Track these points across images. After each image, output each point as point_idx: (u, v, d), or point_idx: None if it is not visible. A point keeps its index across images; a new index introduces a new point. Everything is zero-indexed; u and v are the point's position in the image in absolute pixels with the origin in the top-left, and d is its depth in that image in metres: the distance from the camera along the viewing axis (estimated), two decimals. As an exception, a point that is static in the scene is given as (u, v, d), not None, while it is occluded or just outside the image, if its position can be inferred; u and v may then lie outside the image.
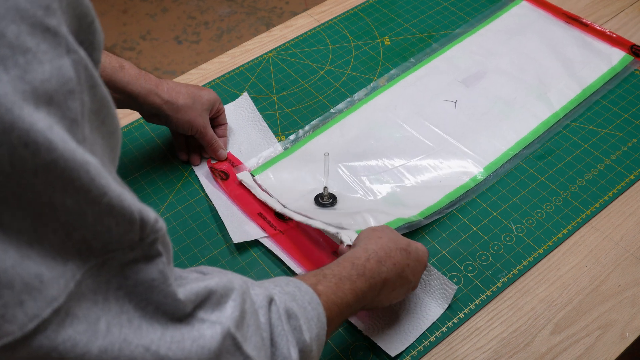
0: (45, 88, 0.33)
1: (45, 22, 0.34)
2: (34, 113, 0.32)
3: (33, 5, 0.34)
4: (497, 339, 0.72)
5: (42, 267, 0.34)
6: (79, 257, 0.36)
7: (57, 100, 0.34)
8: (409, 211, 0.82)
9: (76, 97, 0.36)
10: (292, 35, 1.11)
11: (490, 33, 1.07)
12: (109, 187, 0.36)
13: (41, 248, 0.35)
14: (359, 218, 0.79)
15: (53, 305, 0.35)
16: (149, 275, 0.40)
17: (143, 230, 0.39)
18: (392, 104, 0.97)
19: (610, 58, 1.01)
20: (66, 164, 0.34)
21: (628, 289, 0.75)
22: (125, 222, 0.38)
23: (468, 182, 0.86)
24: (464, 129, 0.93)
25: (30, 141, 0.32)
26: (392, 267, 0.65)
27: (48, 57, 0.34)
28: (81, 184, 0.35)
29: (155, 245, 0.41)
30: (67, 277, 0.36)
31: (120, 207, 0.37)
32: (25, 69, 0.33)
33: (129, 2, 2.51)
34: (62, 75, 0.35)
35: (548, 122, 0.93)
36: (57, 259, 0.35)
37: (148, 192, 0.89)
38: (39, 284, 0.34)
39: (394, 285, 0.66)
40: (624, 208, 0.83)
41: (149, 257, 0.40)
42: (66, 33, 0.35)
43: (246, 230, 0.82)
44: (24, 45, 0.33)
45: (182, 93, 0.84)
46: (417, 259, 0.69)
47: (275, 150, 0.92)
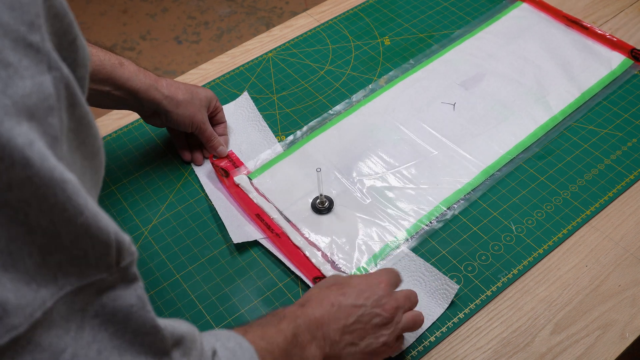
0: (26, 103, 0.33)
1: (28, 38, 0.34)
2: (15, 127, 0.32)
3: (16, 21, 0.34)
4: (497, 339, 0.72)
5: (10, 293, 0.33)
6: (53, 283, 0.35)
7: (38, 116, 0.34)
8: (404, 222, 0.82)
9: (55, 114, 0.35)
10: (292, 35, 1.11)
11: (490, 36, 1.07)
12: (86, 207, 0.35)
13: (15, 272, 0.33)
14: (350, 251, 0.80)
15: (12, 333, 0.33)
16: (127, 301, 0.39)
17: (119, 253, 0.38)
18: (390, 106, 0.97)
19: (610, 62, 1.01)
20: (41, 181, 0.33)
21: (628, 289, 0.75)
22: (102, 244, 0.37)
23: (465, 186, 0.86)
24: (462, 132, 0.93)
25: (5, 155, 0.32)
26: (325, 305, 0.61)
27: (29, 73, 0.34)
28: (56, 202, 0.34)
29: (132, 269, 0.39)
30: (35, 305, 0.34)
31: (96, 228, 0.36)
32: (7, 83, 0.32)
33: (129, 2, 2.51)
34: (42, 92, 0.34)
35: (546, 125, 0.93)
36: (31, 284, 0.34)
37: (148, 192, 0.89)
38: (1, 312, 0.33)
39: (346, 321, 0.62)
40: (624, 208, 0.83)
41: (126, 281, 0.39)
42: (49, 49, 0.35)
43: (246, 230, 0.82)
44: (5, 59, 0.33)
45: (181, 89, 0.85)
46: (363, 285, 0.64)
47: (273, 152, 0.92)
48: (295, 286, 0.78)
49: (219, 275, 0.79)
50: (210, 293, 0.78)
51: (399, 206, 0.84)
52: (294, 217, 0.84)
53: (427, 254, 0.80)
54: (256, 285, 0.78)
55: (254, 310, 0.76)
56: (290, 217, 0.84)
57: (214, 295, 0.77)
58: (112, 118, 0.99)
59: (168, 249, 0.82)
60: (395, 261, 0.78)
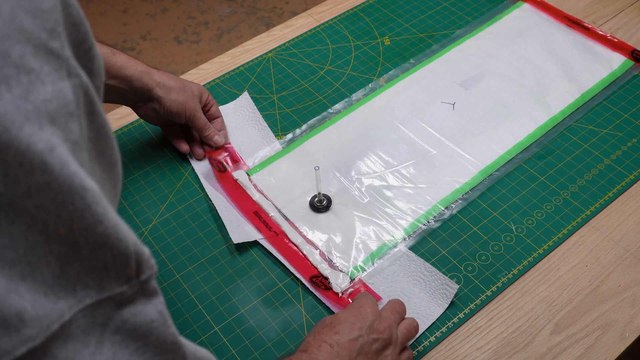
0: (47, 108, 0.33)
1: (49, 44, 0.34)
2: (37, 132, 0.32)
3: (38, 27, 0.34)
4: (497, 339, 0.72)
5: (28, 303, 0.33)
6: (72, 295, 0.35)
7: (59, 122, 0.34)
8: (402, 221, 0.82)
9: (75, 120, 0.35)
10: (292, 35, 1.11)
11: (490, 36, 1.07)
12: (105, 216, 0.35)
13: (34, 282, 0.33)
14: (348, 249, 0.80)
15: (28, 345, 0.33)
16: (148, 317, 0.38)
17: (139, 266, 0.38)
18: (389, 105, 0.97)
19: (610, 63, 1.01)
20: (60, 187, 0.33)
21: (628, 289, 0.75)
22: (121, 255, 0.36)
23: (463, 185, 0.86)
24: (462, 131, 0.93)
25: (25, 161, 0.31)
26: (325, 348, 0.61)
27: (50, 79, 0.34)
28: (75, 209, 0.33)
29: (151, 282, 0.39)
30: (52, 317, 0.34)
31: (115, 238, 0.36)
32: (29, 89, 0.33)
33: (129, 2, 2.51)
34: (63, 98, 0.34)
35: (546, 126, 0.93)
36: (49, 295, 0.34)
37: (148, 192, 0.89)
38: (18, 322, 0.32)
39: (350, 356, 0.62)
40: (624, 208, 0.83)
41: (146, 295, 0.38)
42: (69, 56, 0.36)
43: (246, 231, 0.82)
44: (27, 65, 0.33)
45: (172, 77, 0.86)
46: (351, 317, 0.64)
47: (272, 150, 0.92)
48: (295, 286, 0.78)
49: (219, 275, 0.79)
50: (210, 293, 0.78)
51: (397, 205, 0.84)
52: (292, 215, 0.84)
53: (427, 253, 0.80)
54: (256, 285, 0.78)
55: (254, 310, 0.76)
56: (288, 215, 0.84)
57: (214, 295, 0.77)
58: (112, 118, 0.99)
59: (168, 249, 0.82)
60: (393, 260, 0.78)
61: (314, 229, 0.82)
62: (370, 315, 0.65)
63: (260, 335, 0.73)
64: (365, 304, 0.66)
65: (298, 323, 0.74)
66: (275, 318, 0.75)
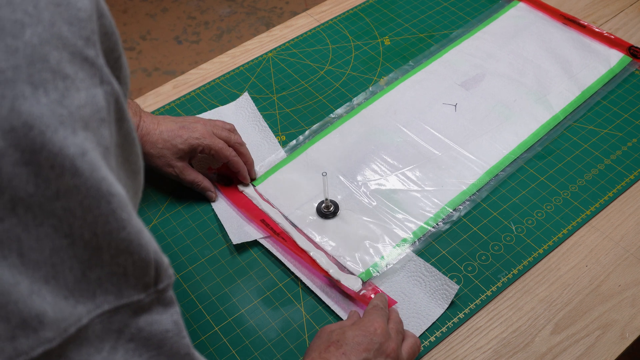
0: (81, 114, 0.34)
1: (84, 52, 0.35)
2: (69, 137, 0.33)
3: (75, 35, 0.35)
4: (497, 339, 0.72)
5: (48, 306, 0.33)
6: (91, 300, 0.35)
7: (92, 127, 0.35)
8: (410, 225, 0.82)
9: (106, 126, 0.36)
10: (292, 35, 1.11)
11: (488, 35, 1.07)
12: (129, 222, 0.36)
13: (56, 285, 0.34)
14: (358, 253, 0.79)
15: (44, 346, 0.34)
16: (163, 326, 0.38)
17: (158, 274, 0.38)
18: (391, 108, 0.97)
19: (608, 60, 1.01)
20: (88, 191, 0.34)
21: (628, 289, 0.75)
22: (141, 261, 0.37)
23: (470, 187, 0.86)
24: (465, 132, 0.93)
25: (57, 164, 0.32)
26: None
27: (84, 85, 0.35)
28: (100, 214, 0.34)
29: (169, 292, 0.39)
30: (70, 320, 0.34)
31: (137, 244, 0.36)
32: (64, 94, 0.34)
33: (129, 2, 2.51)
34: (95, 104, 0.35)
35: (548, 124, 0.93)
36: (69, 299, 0.34)
37: (148, 192, 0.89)
38: (38, 323, 0.33)
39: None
40: (624, 208, 0.83)
41: (163, 305, 0.39)
42: (102, 64, 0.37)
43: (245, 231, 0.82)
44: (63, 71, 0.34)
45: (150, 141, 0.81)
46: (359, 337, 0.63)
47: (276, 158, 0.92)
48: (295, 286, 0.78)
49: (219, 275, 0.79)
50: (210, 293, 0.78)
51: (404, 209, 0.84)
52: (299, 222, 0.83)
53: (427, 254, 0.80)
54: (256, 285, 0.78)
55: (254, 310, 0.76)
56: (295, 222, 0.83)
57: (214, 295, 0.77)
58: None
59: (168, 249, 0.82)
60: (403, 264, 0.78)
61: (322, 235, 0.82)
62: (379, 337, 0.63)
63: (260, 335, 0.73)
64: (376, 322, 0.65)
65: (298, 323, 0.74)
66: (275, 318, 0.75)
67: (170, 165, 0.82)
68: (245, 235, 0.81)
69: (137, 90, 2.15)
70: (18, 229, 0.32)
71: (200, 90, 1.02)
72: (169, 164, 0.82)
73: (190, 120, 0.85)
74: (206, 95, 1.01)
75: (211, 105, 1.00)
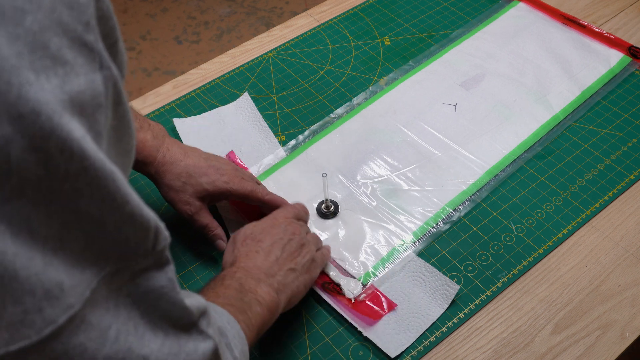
0: (80, 99, 0.35)
1: (84, 37, 0.36)
2: (70, 121, 0.34)
3: (74, 20, 0.35)
4: (497, 339, 0.72)
5: (63, 274, 0.35)
6: (96, 266, 0.37)
7: (87, 112, 0.35)
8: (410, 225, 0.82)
9: (102, 111, 0.37)
10: (292, 35, 1.11)
11: (488, 35, 1.07)
12: (131, 196, 0.37)
13: (64, 255, 0.35)
14: (358, 254, 0.79)
15: (69, 312, 0.36)
16: (158, 283, 0.41)
17: (156, 238, 0.40)
18: (391, 108, 0.97)
19: (608, 60, 1.01)
20: (96, 172, 0.35)
21: (628, 289, 0.75)
22: (143, 230, 0.39)
23: (470, 187, 0.86)
24: (465, 132, 0.93)
25: (66, 148, 0.33)
26: (252, 255, 0.68)
27: (84, 71, 0.35)
28: (107, 192, 0.36)
29: (165, 252, 0.42)
30: (84, 285, 0.36)
31: (139, 216, 0.38)
32: (64, 80, 0.34)
33: (129, 2, 2.51)
34: (94, 89, 0.36)
35: (548, 124, 0.93)
36: (77, 266, 0.36)
37: (148, 192, 0.89)
38: (59, 291, 0.35)
39: (275, 255, 0.69)
40: (624, 208, 0.83)
41: (160, 264, 0.41)
42: (101, 49, 0.37)
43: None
44: (63, 57, 0.34)
45: (173, 172, 0.75)
46: (269, 226, 0.72)
47: (276, 157, 0.92)
48: (295, 286, 0.78)
49: (219, 275, 0.79)
50: (210, 293, 0.77)
51: (405, 209, 0.84)
52: None
53: (427, 254, 0.80)
54: (256, 285, 0.78)
55: (254, 310, 0.76)
56: None
57: (214, 295, 0.77)
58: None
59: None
60: (404, 264, 0.78)
61: (322, 236, 0.82)
62: (283, 223, 0.73)
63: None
64: (278, 214, 0.75)
65: (298, 323, 0.74)
66: (275, 318, 0.75)
67: (188, 202, 0.76)
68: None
69: (137, 90, 2.15)
70: (27, 208, 0.34)
71: (200, 90, 1.02)
72: (187, 202, 0.76)
73: (222, 160, 0.79)
74: (206, 95, 1.01)
75: (211, 105, 1.00)
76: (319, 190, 0.85)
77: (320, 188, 0.84)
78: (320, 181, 0.82)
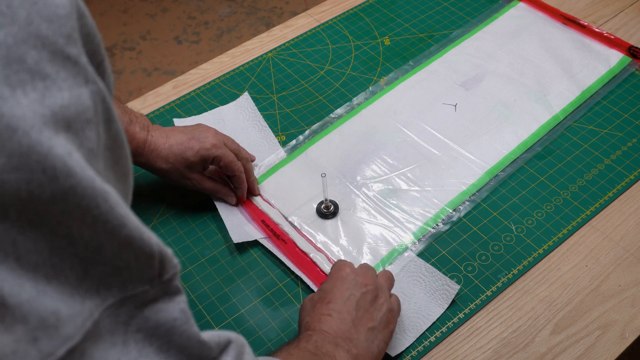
0: (64, 114, 0.33)
1: (66, 50, 0.34)
2: (53, 137, 0.32)
3: (55, 33, 0.34)
4: (497, 339, 0.72)
5: (60, 303, 0.33)
6: (97, 295, 0.35)
7: (75, 128, 0.33)
8: (410, 225, 0.82)
9: (92, 127, 0.35)
10: (292, 35, 1.11)
11: (488, 35, 1.07)
12: (128, 218, 0.35)
13: (59, 284, 0.33)
14: (358, 255, 0.79)
15: (68, 344, 0.33)
16: (170, 315, 0.38)
17: (162, 265, 0.38)
18: (391, 108, 0.97)
19: (608, 60, 1.01)
20: (85, 191, 0.33)
21: (628, 289, 0.75)
22: (145, 256, 0.36)
23: (470, 187, 0.86)
24: (465, 132, 0.93)
25: (48, 166, 0.31)
26: (325, 319, 0.63)
27: (67, 85, 0.34)
28: (99, 213, 0.33)
29: (174, 282, 0.39)
30: (84, 315, 0.34)
31: (139, 240, 0.36)
32: (44, 94, 0.32)
33: (129, 2, 2.51)
34: (81, 104, 0.34)
35: (548, 125, 0.93)
36: (75, 296, 0.34)
37: (147, 192, 0.89)
38: (55, 320, 0.33)
39: (350, 315, 0.64)
40: (624, 208, 0.83)
41: (169, 294, 0.39)
42: (86, 63, 0.35)
43: (246, 230, 0.82)
44: (43, 71, 0.33)
45: (160, 157, 0.79)
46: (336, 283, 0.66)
47: (276, 158, 0.92)
48: (295, 286, 0.78)
49: (219, 275, 0.79)
50: (210, 293, 0.78)
51: (404, 209, 0.84)
52: (298, 223, 0.83)
53: (427, 254, 0.80)
54: (256, 285, 0.78)
55: (254, 310, 0.76)
56: (295, 223, 0.83)
57: (214, 295, 0.77)
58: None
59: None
60: (403, 265, 0.78)
61: (322, 236, 0.82)
62: (351, 275, 0.67)
63: (260, 335, 0.73)
64: (342, 266, 0.69)
65: (296, 321, 0.74)
66: (275, 318, 0.75)
67: (186, 177, 0.81)
68: (246, 235, 0.81)
69: (137, 90, 2.15)
70: (12, 232, 0.31)
71: (200, 90, 1.02)
72: (185, 177, 0.81)
73: (201, 129, 0.82)
74: (206, 95, 1.01)
75: (211, 105, 1.00)
76: (319, 190, 0.85)
77: (320, 188, 0.84)
78: (320, 181, 0.82)
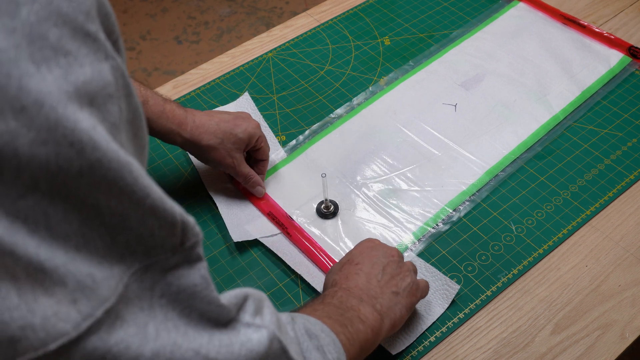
0: (87, 89, 0.34)
1: (85, 27, 0.35)
2: (78, 112, 0.33)
3: (74, 10, 0.34)
4: (497, 339, 0.72)
5: (92, 268, 0.34)
6: (123, 262, 0.36)
7: (98, 103, 0.34)
8: (410, 225, 0.82)
9: (114, 102, 0.36)
10: (292, 35, 1.11)
11: (488, 35, 1.07)
12: (152, 189, 0.36)
13: (88, 252, 0.34)
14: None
15: (105, 305, 0.35)
16: (191, 281, 0.40)
17: (184, 233, 0.39)
18: (391, 108, 0.97)
19: (608, 60, 1.01)
20: (110, 163, 0.34)
21: (628, 289, 0.75)
22: (168, 224, 0.38)
23: (470, 187, 0.86)
24: (465, 132, 0.93)
25: (75, 140, 0.32)
26: (352, 277, 0.66)
27: (88, 60, 0.34)
28: (125, 184, 0.35)
29: (196, 249, 0.40)
30: (115, 279, 0.36)
31: (162, 209, 0.37)
32: (67, 70, 0.33)
33: (129, 2, 2.51)
34: (102, 79, 0.35)
35: (548, 125, 0.93)
36: (104, 263, 0.35)
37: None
38: (92, 282, 0.34)
39: (377, 278, 0.66)
40: (624, 208, 0.83)
41: (190, 261, 0.40)
42: (104, 40, 0.36)
43: (246, 229, 0.82)
44: (65, 47, 0.33)
45: (209, 132, 0.79)
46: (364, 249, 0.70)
47: (277, 157, 0.92)
48: (295, 286, 0.78)
49: (219, 275, 0.79)
50: (210, 293, 0.77)
51: (404, 209, 0.84)
52: (299, 222, 0.83)
53: (427, 254, 0.80)
54: (256, 285, 0.78)
55: (254, 310, 0.76)
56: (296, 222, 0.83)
57: (214, 295, 0.77)
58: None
59: (168, 249, 0.82)
60: None
61: (322, 236, 0.82)
62: (379, 245, 0.71)
63: (260, 335, 0.73)
64: (370, 238, 0.72)
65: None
66: (275, 318, 0.75)
67: (230, 156, 0.80)
68: (246, 234, 0.81)
69: (137, 90, 2.15)
70: (44, 203, 0.33)
71: (200, 90, 1.02)
72: (230, 155, 0.80)
73: (241, 112, 0.84)
74: (206, 95, 1.01)
75: (211, 105, 1.00)
76: (319, 190, 0.85)
77: (320, 188, 0.84)
78: (320, 181, 0.82)
